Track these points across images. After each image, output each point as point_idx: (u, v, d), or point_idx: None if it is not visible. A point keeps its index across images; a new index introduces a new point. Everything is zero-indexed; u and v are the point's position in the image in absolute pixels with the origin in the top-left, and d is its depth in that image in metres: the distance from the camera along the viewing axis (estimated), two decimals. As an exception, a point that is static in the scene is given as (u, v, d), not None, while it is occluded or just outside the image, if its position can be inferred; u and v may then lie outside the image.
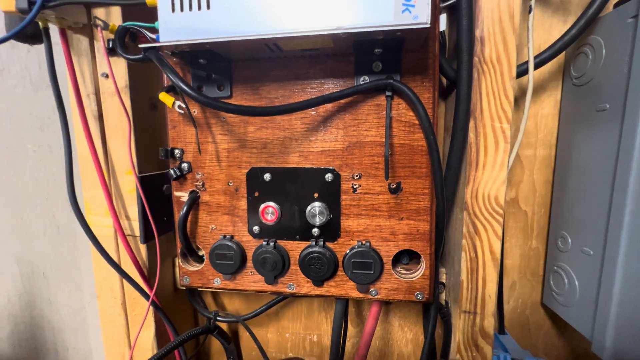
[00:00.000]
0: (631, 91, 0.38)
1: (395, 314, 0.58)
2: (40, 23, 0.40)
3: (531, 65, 0.42)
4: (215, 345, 0.64)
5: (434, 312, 0.43)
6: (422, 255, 0.40)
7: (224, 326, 0.62)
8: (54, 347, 0.79)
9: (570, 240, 0.47)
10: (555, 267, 0.50)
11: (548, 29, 0.48)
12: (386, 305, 0.58)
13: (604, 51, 0.42)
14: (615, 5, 0.41)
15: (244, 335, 0.63)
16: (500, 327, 0.53)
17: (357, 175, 0.40)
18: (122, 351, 0.51)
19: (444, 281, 0.47)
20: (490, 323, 0.41)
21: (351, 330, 0.59)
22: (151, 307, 0.47)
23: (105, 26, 0.39)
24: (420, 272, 0.41)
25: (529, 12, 0.41)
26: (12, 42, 0.37)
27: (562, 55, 0.48)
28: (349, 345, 0.60)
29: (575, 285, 0.46)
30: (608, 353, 0.40)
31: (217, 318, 0.52)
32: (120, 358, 0.52)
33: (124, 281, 0.48)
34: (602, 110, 0.42)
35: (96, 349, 0.77)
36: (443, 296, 0.47)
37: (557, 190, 0.51)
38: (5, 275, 0.78)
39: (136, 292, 0.47)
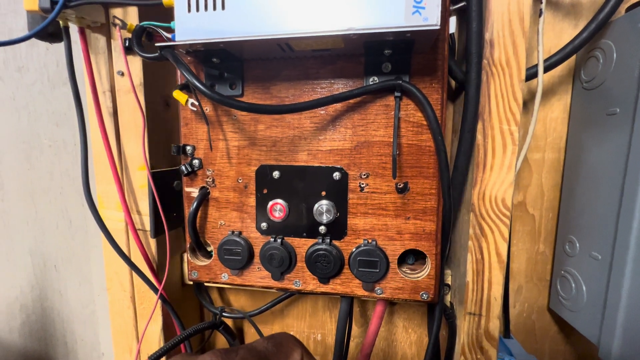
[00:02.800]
0: (642, 95, 0.38)
1: (400, 315, 0.58)
2: (60, 22, 0.41)
3: (541, 69, 0.42)
4: (221, 341, 0.65)
5: (438, 312, 0.43)
6: (427, 255, 0.41)
7: (229, 322, 0.62)
8: (64, 338, 0.81)
9: (578, 245, 0.47)
10: (562, 272, 0.50)
11: (559, 33, 0.48)
12: (391, 306, 0.58)
13: (614, 55, 0.42)
14: (627, 9, 0.41)
15: (249, 331, 0.63)
16: (506, 331, 0.53)
17: (364, 175, 0.40)
18: (129, 344, 0.52)
19: (450, 283, 0.47)
20: (495, 325, 0.41)
21: (355, 330, 0.59)
22: (159, 301, 0.48)
23: (124, 25, 0.40)
24: (425, 272, 0.41)
25: (540, 16, 0.42)
26: (32, 40, 0.39)
27: (572, 59, 0.48)
28: (353, 345, 0.60)
29: (583, 290, 0.46)
30: (615, 359, 0.40)
31: (223, 314, 0.53)
32: (128, 350, 0.53)
33: (134, 275, 0.49)
34: (612, 114, 0.42)
35: (104, 342, 0.79)
36: (448, 298, 0.47)
37: (566, 194, 0.51)
38: (18, 266, 0.80)
39: (145, 285, 0.48)
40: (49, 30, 0.42)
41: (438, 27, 0.28)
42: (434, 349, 0.45)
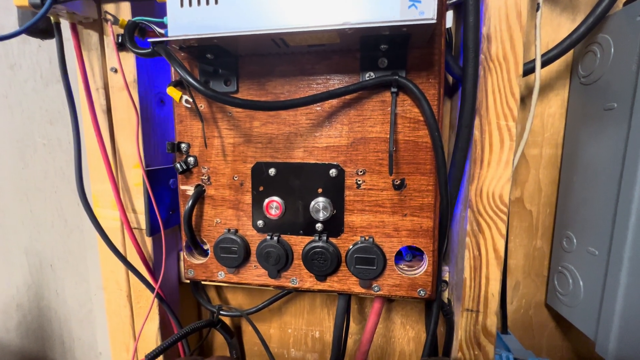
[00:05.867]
0: (639, 90, 0.37)
1: (398, 311, 0.58)
2: (52, 18, 0.40)
3: (538, 64, 0.41)
4: (219, 339, 0.65)
5: (436, 309, 0.43)
6: (425, 252, 0.41)
7: (227, 320, 0.62)
8: (61, 337, 0.81)
9: (575, 240, 0.47)
10: (559, 267, 0.50)
11: (556, 27, 0.48)
12: (389, 303, 0.58)
13: (612, 50, 0.41)
14: (625, 4, 0.41)
15: (246, 329, 0.63)
16: (504, 327, 0.53)
17: (361, 171, 0.40)
18: (126, 342, 0.52)
19: (447, 279, 0.47)
20: (492, 321, 0.41)
21: (353, 327, 0.59)
22: (156, 300, 0.48)
23: (115, 21, 0.40)
24: (423, 269, 0.41)
25: (537, 10, 0.41)
26: (23, 37, 0.38)
27: (570, 54, 0.48)
28: (350, 341, 0.60)
29: (580, 285, 0.46)
30: (612, 354, 0.40)
31: (221, 312, 0.53)
32: (125, 349, 0.52)
33: (130, 273, 0.49)
34: (609, 109, 0.42)
35: (101, 340, 0.79)
36: (446, 294, 0.47)
37: (563, 190, 0.51)
38: (14, 266, 0.80)
39: (141, 284, 0.47)
40: (40, 27, 0.42)
41: (434, 21, 0.28)
42: (432, 345, 0.45)
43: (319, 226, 0.42)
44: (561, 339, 0.55)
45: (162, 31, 0.36)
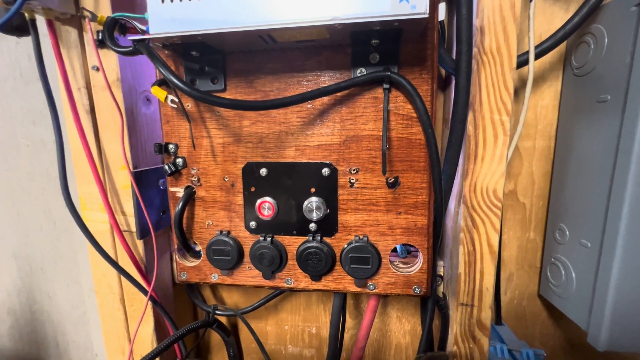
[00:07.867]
0: (633, 82, 0.37)
1: (394, 305, 0.58)
2: (26, 14, 0.38)
3: (532, 56, 0.41)
4: (215, 338, 0.65)
5: (431, 305, 0.43)
6: (420, 250, 0.40)
7: (223, 319, 0.62)
8: (55, 340, 0.80)
9: (568, 232, 0.47)
10: (552, 259, 0.50)
11: (549, 18, 0.47)
12: (384, 297, 0.58)
13: (606, 40, 0.41)
14: (619, -7, 0.40)
15: (243, 327, 0.63)
16: (497, 318, 0.53)
17: (354, 170, 0.39)
18: (122, 345, 0.52)
19: (442, 274, 0.47)
20: (487, 315, 0.41)
21: (349, 322, 0.60)
22: (150, 302, 0.47)
23: (93, 17, 0.38)
24: (418, 267, 0.41)
25: (530, 0, 0.40)
26: (-1, 34, 0.36)
27: (563, 45, 0.47)
28: (347, 337, 0.61)
29: (572, 276, 0.46)
30: (603, 344, 0.41)
31: (216, 312, 0.52)
32: (121, 352, 0.52)
33: (122, 276, 0.48)
34: (603, 101, 0.41)
35: (97, 342, 0.78)
36: (441, 288, 0.47)
37: (556, 182, 0.51)
38: (3, 270, 0.78)
39: (134, 287, 0.47)
40: (14, 24, 0.40)
41: (426, 15, 0.27)
42: (428, 339, 0.45)
43: (312, 226, 0.41)
44: (554, 328, 0.56)
45: (143, 28, 0.34)
